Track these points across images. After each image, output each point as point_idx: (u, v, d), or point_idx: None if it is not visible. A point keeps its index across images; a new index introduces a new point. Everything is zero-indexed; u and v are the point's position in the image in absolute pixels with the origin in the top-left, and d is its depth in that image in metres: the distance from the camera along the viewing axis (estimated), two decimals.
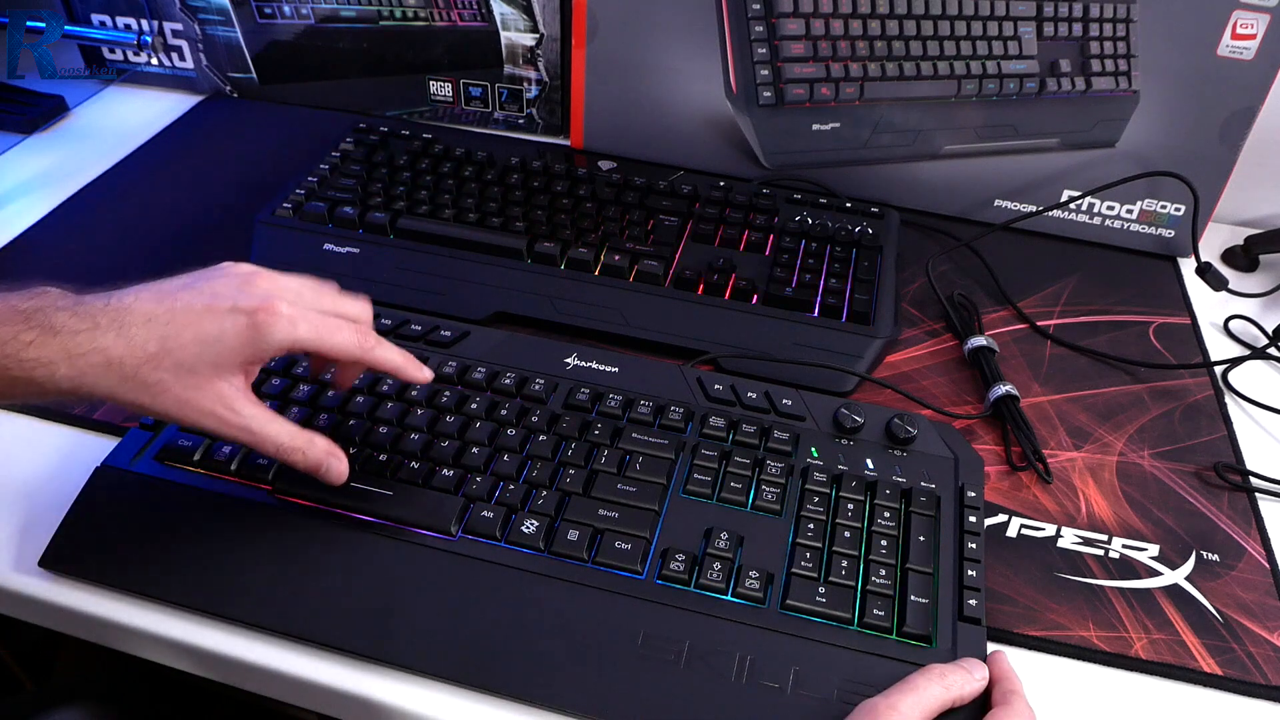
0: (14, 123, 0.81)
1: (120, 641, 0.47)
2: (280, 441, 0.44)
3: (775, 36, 0.71)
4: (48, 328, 0.40)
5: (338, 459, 0.46)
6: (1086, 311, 0.69)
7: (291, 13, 0.82)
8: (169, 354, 0.41)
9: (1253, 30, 0.66)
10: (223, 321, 0.41)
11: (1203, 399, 0.62)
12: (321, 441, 0.45)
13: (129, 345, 0.40)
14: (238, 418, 0.42)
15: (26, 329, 0.40)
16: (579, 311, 0.63)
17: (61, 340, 0.40)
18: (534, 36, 0.81)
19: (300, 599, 0.45)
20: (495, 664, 0.43)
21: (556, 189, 0.72)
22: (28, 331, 0.40)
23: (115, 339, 0.40)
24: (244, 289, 0.42)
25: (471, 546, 0.47)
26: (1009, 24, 0.71)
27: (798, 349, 0.61)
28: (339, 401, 0.53)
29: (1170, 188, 0.73)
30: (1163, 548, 0.52)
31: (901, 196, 0.77)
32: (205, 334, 0.41)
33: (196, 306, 0.42)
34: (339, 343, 0.44)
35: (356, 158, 0.74)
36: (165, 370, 0.41)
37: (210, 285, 0.43)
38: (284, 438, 0.44)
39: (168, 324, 0.41)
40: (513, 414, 0.53)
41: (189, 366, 0.41)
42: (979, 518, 0.50)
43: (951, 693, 0.41)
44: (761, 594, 0.46)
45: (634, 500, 0.49)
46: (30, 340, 0.39)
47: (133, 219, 0.72)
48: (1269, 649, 0.47)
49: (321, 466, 0.45)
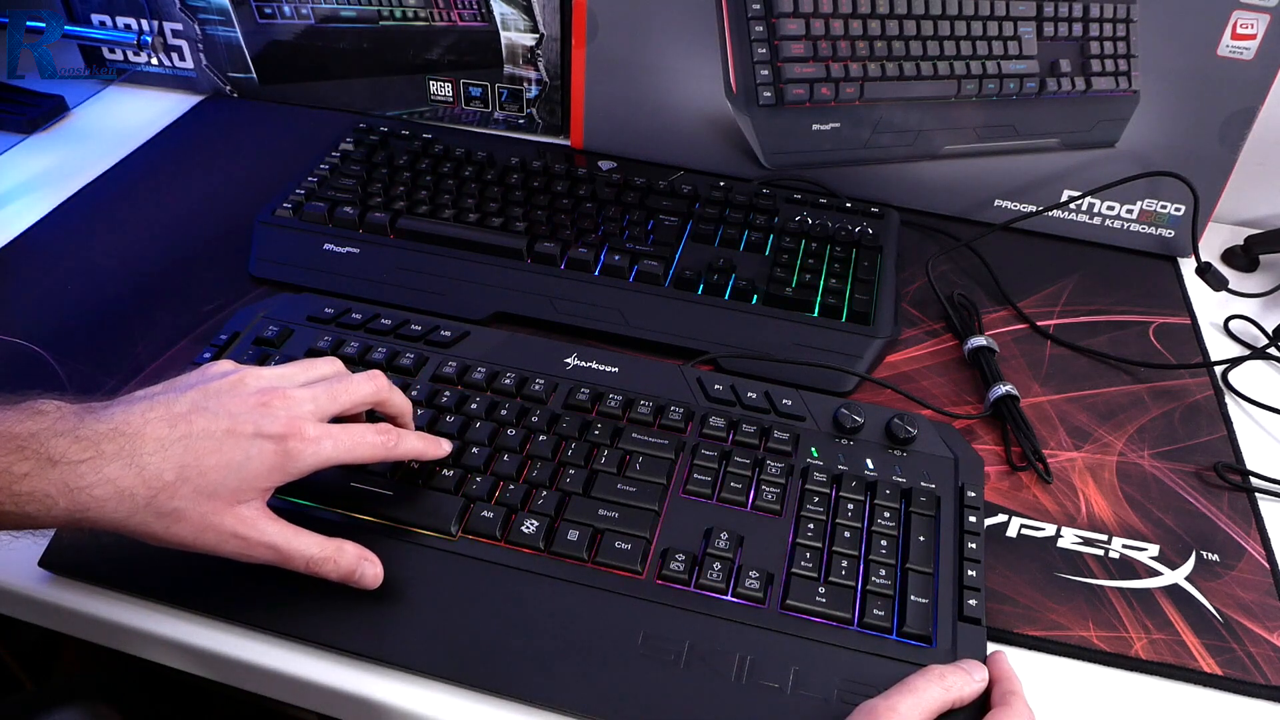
0: (14, 123, 0.81)
1: (120, 641, 0.47)
2: (310, 554, 0.42)
3: (775, 36, 0.71)
4: (45, 457, 0.37)
5: (371, 562, 0.44)
6: (1086, 311, 0.69)
7: (291, 13, 0.82)
8: (187, 481, 0.39)
9: (1253, 30, 0.66)
10: (248, 448, 0.40)
11: (1203, 399, 0.62)
12: (350, 548, 0.43)
13: (141, 475, 0.38)
14: (262, 536, 0.41)
15: (20, 459, 0.36)
16: (579, 311, 0.63)
17: (61, 472, 0.37)
18: (534, 36, 0.81)
19: (300, 599, 0.45)
20: (495, 664, 0.43)
21: (556, 189, 0.72)
22: (22, 462, 0.36)
23: (124, 469, 0.37)
24: (263, 412, 0.41)
25: (471, 546, 0.47)
26: (1009, 24, 0.71)
27: (798, 349, 0.61)
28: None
29: (1170, 188, 0.73)
30: (1163, 548, 0.52)
31: (901, 196, 0.77)
32: (229, 460, 0.39)
33: (216, 431, 0.40)
34: (364, 453, 0.44)
35: (356, 158, 0.74)
36: (183, 499, 0.39)
37: (222, 405, 0.41)
38: (313, 549, 0.42)
39: (185, 450, 0.39)
40: (513, 414, 0.53)
41: (209, 493, 0.39)
42: (979, 518, 0.50)
43: (951, 694, 0.41)
44: (761, 594, 0.46)
45: (634, 500, 0.49)
46: (25, 472, 0.36)
47: (133, 219, 0.72)
48: (1269, 649, 0.47)
49: (355, 573, 0.43)
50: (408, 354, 0.56)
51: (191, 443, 0.39)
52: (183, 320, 0.62)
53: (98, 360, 0.59)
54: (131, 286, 0.65)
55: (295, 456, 0.41)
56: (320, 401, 0.43)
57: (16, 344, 0.59)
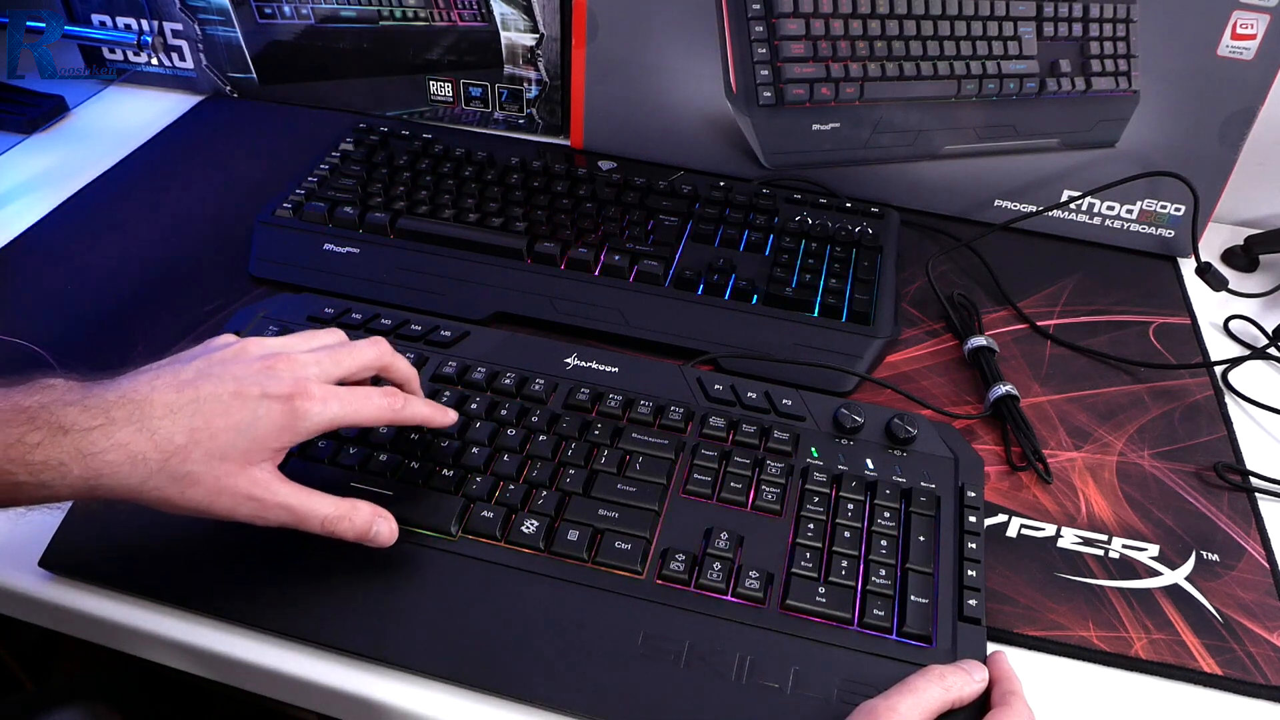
0: (14, 123, 0.81)
1: (120, 641, 0.47)
2: (324, 513, 0.42)
3: (775, 36, 0.71)
4: (56, 426, 0.37)
5: (385, 519, 0.44)
6: (1086, 311, 0.69)
7: (291, 13, 0.82)
8: (198, 445, 0.39)
9: (1253, 30, 0.66)
10: (255, 408, 0.40)
11: (1203, 399, 0.62)
12: (365, 506, 0.44)
13: (152, 439, 0.38)
14: (276, 496, 0.41)
15: (32, 429, 0.37)
16: (579, 311, 0.63)
17: (73, 439, 0.37)
18: (534, 36, 0.81)
19: (300, 599, 0.45)
20: (495, 664, 0.43)
21: (556, 189, 0.72)
22: (34, 432, 0.37)
23: (135, 434, 0.38)
24: (268, 374, 0.41)
25: (471, 546, 0.47)
26: (1009, 24, 0.71)
27: (798, 349, 0.61)
28: None
29: (1170, 188, 0.73)
30: (1163, 548, 0.52)
31: (901, 196, 0.77)
32: (238, 422, 0.40)
33: (223, 394, 0.40)
34: (371, 414, 0.44)
35: (356, 158, 0.74)
36: (195, 462, 0.39)
37: (228, 370, 0.41)
38: (328, 508, 0.42)
39: (194, 414, 0.39)
40: (513, 414, 0.53)
41: (220, 455, 0.39)
42: (979, 518, 0.50)
43: (951, 694, 0.41)
44: (761, 594, 0.46)
45: (634, 500, 0.49)
46: (38, 441, 0.37)
47: (133, 219, 0.72)
48: (1269, 649, 0.47)
49: (370, 529, 0.43)
50: (408, 354, 0.56)
51: (200, 405, 0.39)
52: (183, 320, 0.62)
53: (98, 360, 0.58)
54: (131, 286, 0.65)
55: (303, 415, 0.41)
56: (324, 365, 0.44)
57: (16, 344, 0.59)
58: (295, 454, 0.50)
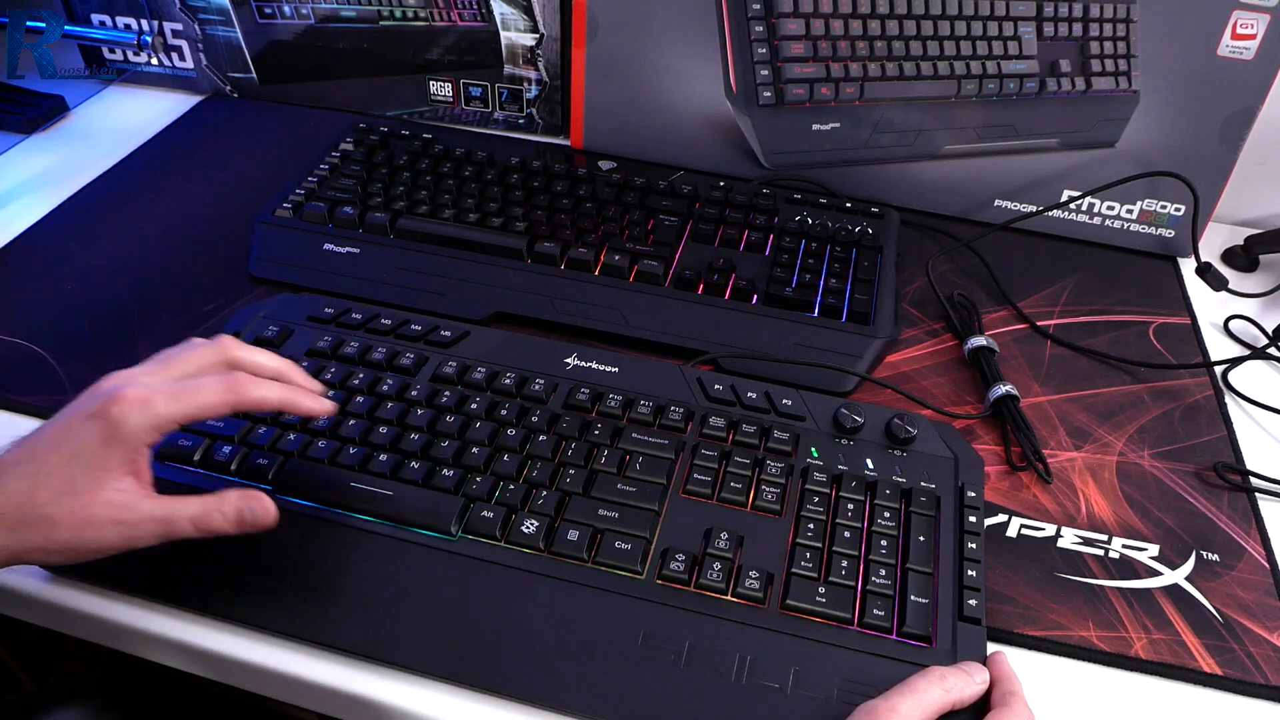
0: (14, 123, 0.81)
1: (120, 641, 0.47)
2: (192, 513, 0.41)
3: (775, 36, 0.71)
4: None
5: (256, 499, 0.42)
6: (1086, 311, 0.69)
7: (291, 13, 0.82)
8: (41, 486, 0.39)
9: (1253, 30, 0.66)
10: (78, 433, 0.40)
11: (1203, 399, 0.62)
12: (232, 493, 0.42)
13: (3, 497, 0.39)
14: (139, 514, 0.40)
15: None
16: (579, 311, 0.63)
17: None
18: (534, 36, 0.81)
19: (300, 599, 0.45)
20: (495, 664, 0.43)
21: (556, 189, 0.72)
22: None
23: None
24: (90, 398, 0.41)
25: (471, 546, 0.47)
26: (1009, 24, 0.71)
27: (798, 349, 0.61)
28: (340, 400, 0.53)
29: (1170, 188, 0.73)
30: (1163, 548, 0.52)
31: (901, 196, 0.77)
32: (67, 453, 0.40)
33: (51, 433, 0.41)
34: (204, 401, 0.42)
35: (356, 158, 0.74)
36: (45, 505, 0.39)
37: (65, 410, 0.42)
38: (194, 508, 0.41)
39: (31, 460, 0.40)
40: (513, 414, 0.53)
41: (67, 490, 0.39)
42: (979, 518, 0.50)
43: (951, 695, 0.41)
44: (761, 594, 0.46)
45: (634, 500, 0.49)
46: None
47: (133, 219, 0.72)
48: (1269, 649, 0.47)
49: (245, 514, 0.42)
50: (408, 354, 0.56)
51: (35, 450, 0.40)
52: (183, 320, 0.62)
53: (98, 360, 0.58)
54: (131, 286, 0.65)
55: (120, 422, 0.40)
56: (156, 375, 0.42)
57: (16, 344, 0.59)
58: (295, 454, 0.50)
